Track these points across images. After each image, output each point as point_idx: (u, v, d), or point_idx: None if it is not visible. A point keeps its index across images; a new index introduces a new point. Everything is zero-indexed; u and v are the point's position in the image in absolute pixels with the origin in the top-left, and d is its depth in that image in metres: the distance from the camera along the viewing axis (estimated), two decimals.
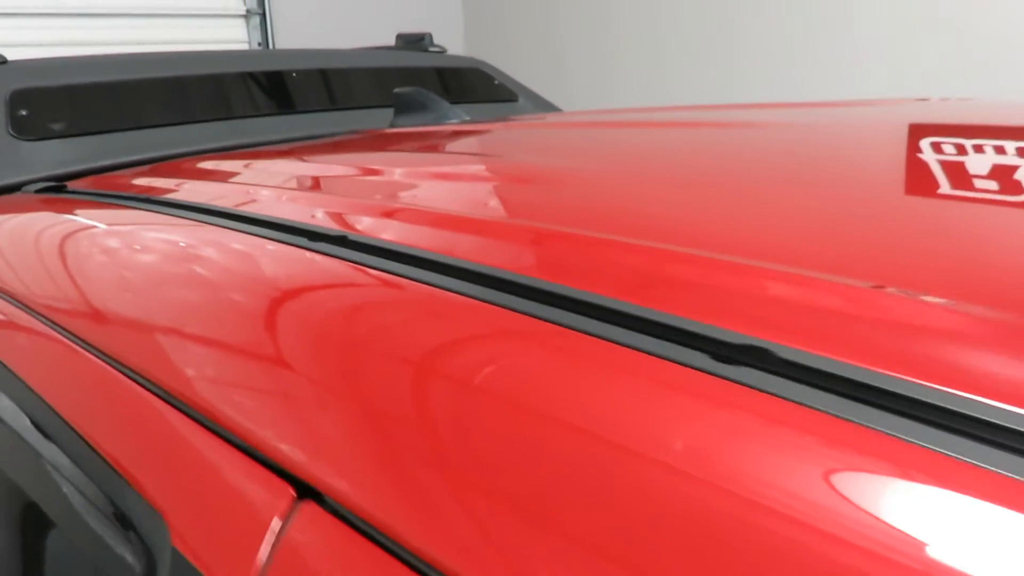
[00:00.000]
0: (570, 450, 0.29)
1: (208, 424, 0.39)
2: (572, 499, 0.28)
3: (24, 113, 1.23)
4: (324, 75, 1.68)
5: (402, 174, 0.80)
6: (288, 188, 0.76)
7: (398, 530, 0.30)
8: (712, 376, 0.30)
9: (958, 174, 0.58)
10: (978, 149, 0.65)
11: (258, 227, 0.57)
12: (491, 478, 0.30)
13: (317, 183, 0.81)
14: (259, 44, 4.18)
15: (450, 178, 0.76)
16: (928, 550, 0.22)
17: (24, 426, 0.52)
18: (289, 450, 0.34)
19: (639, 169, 0.73)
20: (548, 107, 1.88)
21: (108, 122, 1.28)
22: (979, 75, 2.83)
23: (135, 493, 0.38)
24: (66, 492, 0.45)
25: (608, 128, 1.09)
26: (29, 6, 3.39)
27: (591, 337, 0.34)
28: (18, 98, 1.24)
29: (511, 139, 1.09)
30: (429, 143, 1.09)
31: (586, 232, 0.47)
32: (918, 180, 0.59)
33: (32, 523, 0.55)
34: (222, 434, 0.38)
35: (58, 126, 1.25)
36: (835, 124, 0.95)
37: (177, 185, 0.83)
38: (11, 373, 0.57)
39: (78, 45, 3.37)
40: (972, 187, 0.55)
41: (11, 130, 1.19)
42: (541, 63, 4.29)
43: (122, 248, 0.66)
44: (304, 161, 0.98)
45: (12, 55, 1.41)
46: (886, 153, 0.73)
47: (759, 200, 0.55)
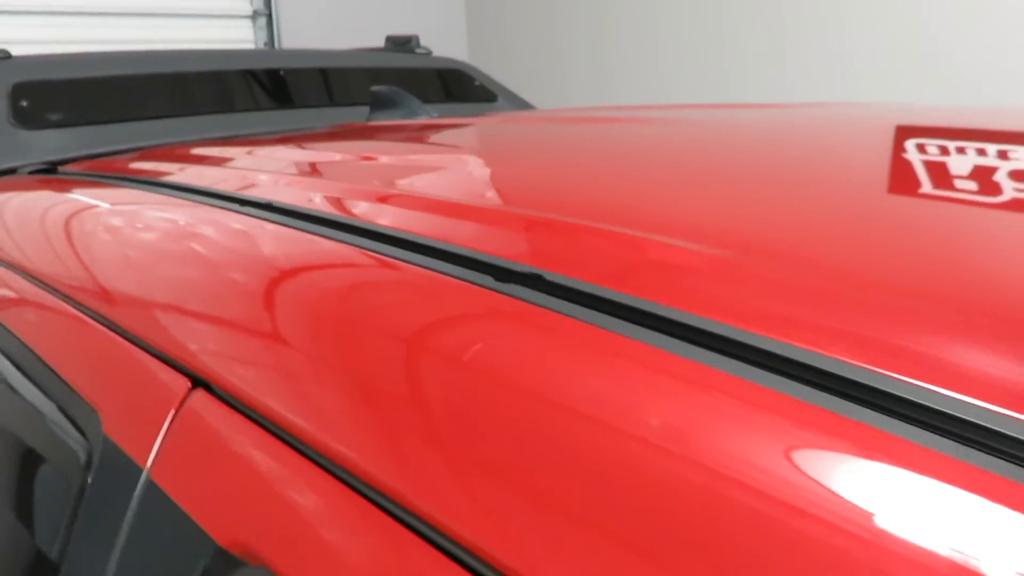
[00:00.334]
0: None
1: (122, 333, 0.49)
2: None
3: (24, 104, 1.33)
4: (311, 74, 1.78)
5: (371, 162, 0.89)
6: (261, 170, 0.85)
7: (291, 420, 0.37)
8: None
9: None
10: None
11: (214, 199, 0.66)
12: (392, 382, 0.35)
13: (290, 164, 0.91)
14: (265, 45, 4.27)
15: (414, 165, 0.85)
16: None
17: None
18: (184, 350, 0.44)
19: (571, 159, 0.82)
20: (525, 107, 1.97)
21: (100, 114, 1.39)
22: (963, 84, 2.90)
23: (76, 393, 0.48)
24: (21, 394, 0.55)
25: (560, 123, 1.18)
26: (38, 5, 3.48)
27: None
28: (20, 90, 1.34)
29: (474, 132, 1.18)
30: (400, 135, 1.19)
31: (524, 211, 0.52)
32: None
33: None
34: (136, 341, 0.47)
35: (55, 116, 1.35)
36: (743, 124, 1.03)
37: (154, 167, 0.93)
38: None
39: (87, 43, 3.44)
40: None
41: (12, 119, 1.30)
42: (541, 66, 4.39)
43: (97, 217, 0.76)
44: (280, 148, 1.07)
45: (21, 51, 1.51)
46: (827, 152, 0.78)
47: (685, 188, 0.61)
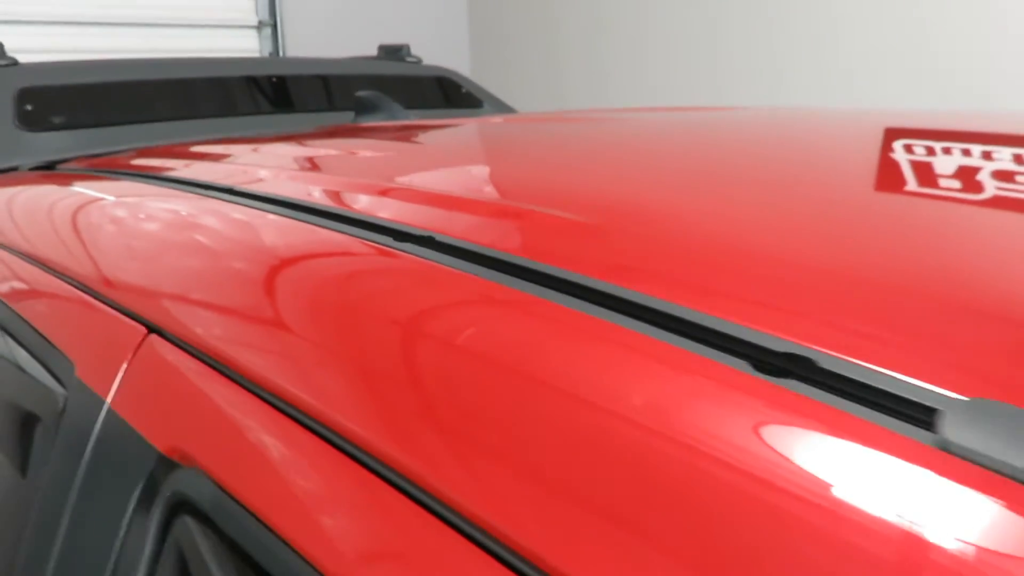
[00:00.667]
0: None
1: (91, 292, 0.57)
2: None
3: (29, 108, 1.42)
4: (304, 81, 1.87)
5: (355, 157, 0.97)
6: (251, 164, 0.94)
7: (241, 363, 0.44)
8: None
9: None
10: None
11: (199, 188, 0.74)
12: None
13: (274, 159, 0.99)
14: (270, 54, 4.38)
15: (367, 157, 0.93)
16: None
17: None
18: (141, 303, 0.51)
19: (504, 150, 0.90)
20: (509, 112, 2.05)
21: (99, 118, 1.48)
22: (950, 88, 2.97)
23: (51, 344, 0.56)
24: (9, 351, 0.64)
25: (515, 123, 1.27)
26: (47, 15, 3.60)
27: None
28: (25, 95, 1.44)
29: (435, 131, 1.27)
30: (380, 135, 1.28)
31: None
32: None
33: None
34: (101, 298, 0.55)
35: (57, 119, 1.44)
36: (669, 122, 1.11)
37: (142, 162, 1.02)
38: None
39: (95, 53, 3.53)
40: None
41: (17, 122, 1.39)
42: (540, 73, 4.50)
43: (79, 200, 0.84)
44: (269, 146, 1.15)
45: (30, 60, 1.61)
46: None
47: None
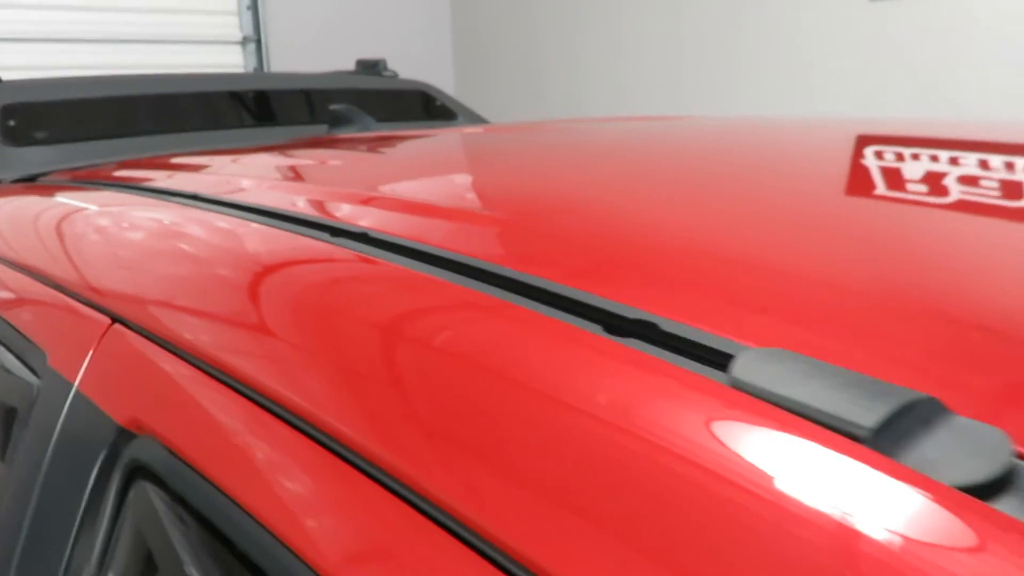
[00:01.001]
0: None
1: (61, 288, 0.63)
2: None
3: (12, 124, 1.47)
4: (282, 95, 1.93)
5: (325, 166, 1.03)
6: (230, 174, 0.99)
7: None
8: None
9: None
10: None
11: (167, 196, 0.79)
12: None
13: (251, 169, 1.05)
14: (255, 70, 4.44)
15: (359, 169, 0.99)
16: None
17: None
18: (106, 296, 0.57)
19: (458, 158, 0.95)
20: (482, 123, 2.11)
21: (82, 132, 1.53)
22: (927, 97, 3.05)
23: (24, 336, 0.61)
24: None
25: (475, 135, 1.33)
26: (33, 33, 3.64)
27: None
28: (8, 111, 1.49)
29: (414, 144, 1.32)
30: (351, 146, 1.34)
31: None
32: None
33: None
34: (70, 293, 0.61)
35: (41, 135, 1.49)
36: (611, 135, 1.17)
37: (121, 173, 1.07)
38: None
39: (81, 69, 3.56)
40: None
41: (0, 137, 1.44)
42: (521, 87, 4.58)
43: (56, 207, 0.90)
44: (250, 157, 1.21)
45: (16, 77, 1.66)
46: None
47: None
